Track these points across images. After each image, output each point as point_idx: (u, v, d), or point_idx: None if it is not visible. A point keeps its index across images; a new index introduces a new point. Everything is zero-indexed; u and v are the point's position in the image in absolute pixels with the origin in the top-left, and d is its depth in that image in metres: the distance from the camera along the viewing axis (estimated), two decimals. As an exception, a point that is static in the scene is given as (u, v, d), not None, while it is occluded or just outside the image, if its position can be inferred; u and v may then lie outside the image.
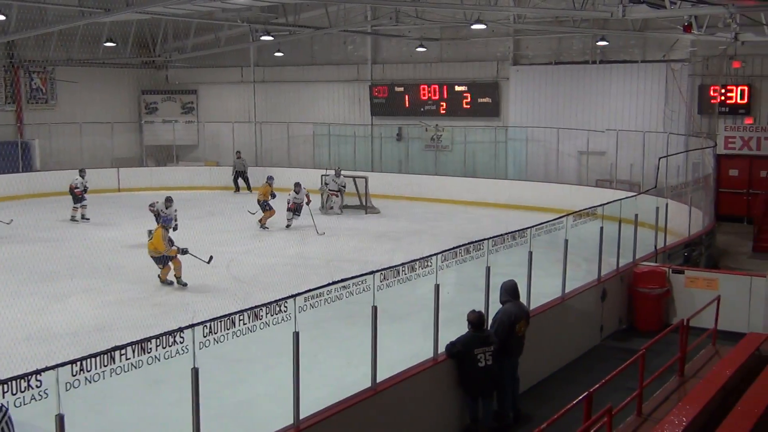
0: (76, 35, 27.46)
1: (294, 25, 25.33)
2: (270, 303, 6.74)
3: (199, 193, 26.90)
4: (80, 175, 22.47)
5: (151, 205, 18.80)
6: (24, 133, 28.58)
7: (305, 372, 7.14)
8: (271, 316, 6.74)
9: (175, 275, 14.98)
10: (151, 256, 15.00)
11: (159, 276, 15.09)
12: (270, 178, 21.71)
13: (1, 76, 28.06)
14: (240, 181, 28.78)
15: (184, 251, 14.73)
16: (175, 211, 18.26)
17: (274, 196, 21.08)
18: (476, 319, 8.77)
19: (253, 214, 20.93)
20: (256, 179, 26.62)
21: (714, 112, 23.30)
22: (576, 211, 12.10)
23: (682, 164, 20.24)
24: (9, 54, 27.91)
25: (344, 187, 23.71)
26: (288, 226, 20.81)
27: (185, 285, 14.88)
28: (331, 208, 23.43)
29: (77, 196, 22.12)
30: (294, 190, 21.01)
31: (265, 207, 21.00)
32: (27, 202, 23.90)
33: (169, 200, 18.59)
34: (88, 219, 22.02)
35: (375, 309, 7.72)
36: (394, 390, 8.12)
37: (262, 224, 20.93)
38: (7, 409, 5.51)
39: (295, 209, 20.93)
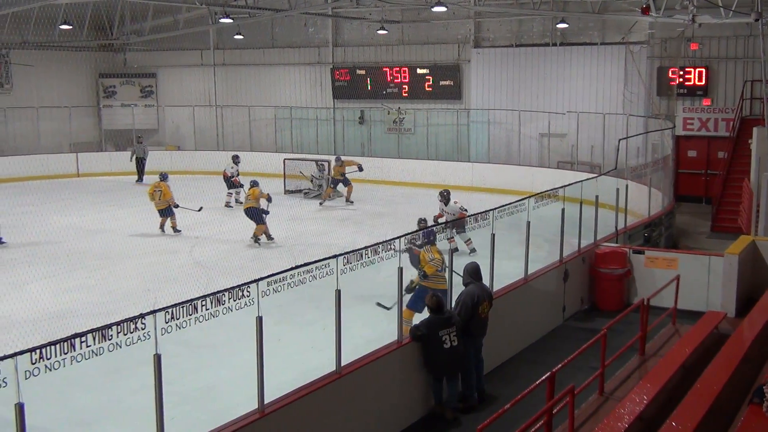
0: (30, 18, 26.88)
1: (254, 8, 25.09)
2: (232, 288, 6.69)
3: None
4: (234, 162, 22.40)
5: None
6: (-21, 118, 28.02)
7: (269, 356, 7.11)
8: (234, 301, 6.70)
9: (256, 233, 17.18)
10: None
11: (255, 233, 17.27)
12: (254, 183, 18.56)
13: (-46, 59, 27.44)
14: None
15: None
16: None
17: (269, 200, 17.90)
18: (435, 304, 8.79)
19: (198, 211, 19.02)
20: (221, 163, 26.17)
21: (672, 93, 23.58)
22: (538, 193, 12.17)
23: (641, 145, 20.48)
24: (-39, 37, 27.29)
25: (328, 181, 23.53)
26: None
27: (272, 239, 17.42)
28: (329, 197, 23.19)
29: (234, 183, 22.07)
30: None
31: (257, 217, 17.63)
32: (-18, 188, 23.47)
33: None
34: (241, 203, 20.67)
35: (339, 293, 7.70)
36: (359, 373, 8.12)
37: (257, 237, 17.57)
38: None
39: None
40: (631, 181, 16.97)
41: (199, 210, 18.58)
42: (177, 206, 18.45)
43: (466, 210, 15.56)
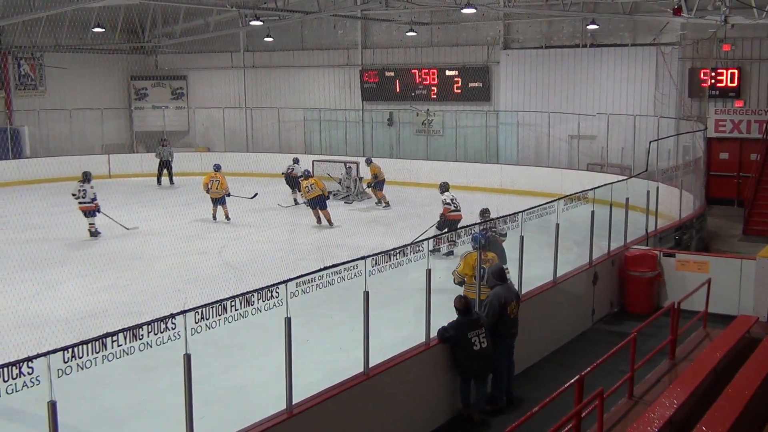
0: (64, 21, 27.24)
1: (284, 10, 25.20)
2: (261, 289, 6.73)
3: (190, 179, 26.79)
4: (295, 163, 23.26)
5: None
6: (13, 120, 28.42)
7: (297, 357, 7.14)
8: (263, 302, 6.74)
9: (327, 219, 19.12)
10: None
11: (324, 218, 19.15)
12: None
13: (-11, 62, 27.88)
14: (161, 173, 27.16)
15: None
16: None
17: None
18: (463, 306, 8.77)
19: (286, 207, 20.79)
20: (250, 164, 26.45)
21: (704, 95, 23.32)
22: (567, 195, 12.11)
23: (672, 148, 20.26)
24: (-4, 40, 27.73)
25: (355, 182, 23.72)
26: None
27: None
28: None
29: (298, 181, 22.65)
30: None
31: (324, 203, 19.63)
32: (17, 188, 23.81)
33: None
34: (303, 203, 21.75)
35: (367, 294, 7.71)
36: (386, 375, 8.13)
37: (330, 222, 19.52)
38: None
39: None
40: (662, 184, 16.84)
41: (254, 197, 19.65)
42: (229, 195, 19.90)
43: (449, 204, 16.31)
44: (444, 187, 16.93)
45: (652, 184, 15.75)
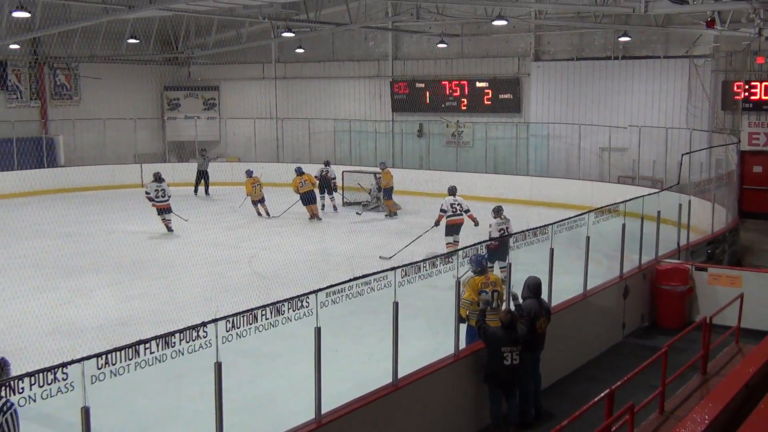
0: (99, 32, 27.67)
1: (315, 22, 25.37)
2: (292, 298, 6.78)
3: (221, 189, 27.03)
4: (327, 165, 24.12)
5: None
6: (48, 129, 28.87)
7: (327, 367, 7.18)
8: (293, 311, 6.79)
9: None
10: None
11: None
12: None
13: (26, 72, 28.35)
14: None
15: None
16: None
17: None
18: (508, 321, 8.67)
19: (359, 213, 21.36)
20: (280, 175, 26.59)
21: (737, 108, 23.10)
22: (598, 208, 12.05)
23: (705, 161, 20.08)
24: (33, 51, 28.21)
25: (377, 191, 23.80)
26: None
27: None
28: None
29: (334, 186, 23.96)
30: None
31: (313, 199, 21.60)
32: (51, 197, 24.16)
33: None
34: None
35: (396, 305, 7.74)
36: (415, 386, 8.14)
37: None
38: (12, 404, 5.27)
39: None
40: (694, 197, 16.70)
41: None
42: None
43: (444, 211, 16.45)
44: (450, 191, 17.07)
45: (684, 197, 15.62)
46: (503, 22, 20.41)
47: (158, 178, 19.93)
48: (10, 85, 27.71)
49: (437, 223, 16.69)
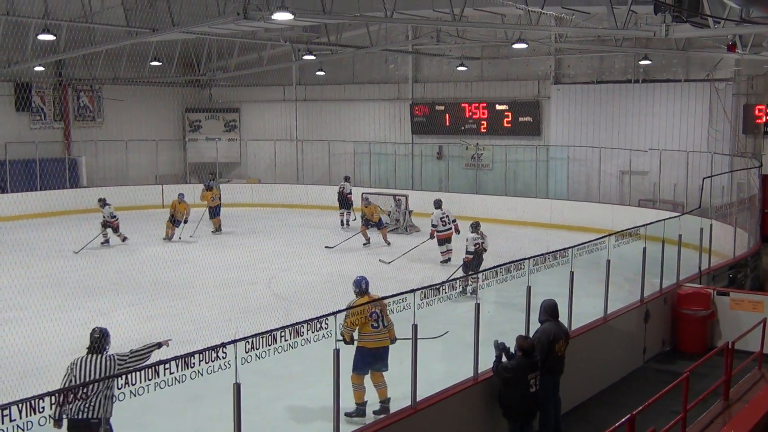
0: (123, 54, 28.03)
1: (336, 45, 25.57)
2: (311, 320, 6.79)
3: (241, 210, 27.16)
4: (346, 181, 24.85)
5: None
6: (71, 150, 29.17)
7: (345, 389, 7.17)
8: (312, 332, 6.80)
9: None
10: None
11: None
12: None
13: (50, 94, 28.70)
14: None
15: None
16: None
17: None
18: (528, 346, 8.57)
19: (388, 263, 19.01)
20: (300, 196, 26.76)
21: (759, 131, 22.97)
22: (618, 231, 12.01)
23: (726, 184, 19.98)
24: (58, 73, 28.57)
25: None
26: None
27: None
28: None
29: (348, 201, 24.53)
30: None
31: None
32: (73, 217, 24.34)
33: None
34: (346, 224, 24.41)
35: (415, 327, 7.73)
36: (434, 409, 8.10)
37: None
38: (112, 355, 7.29)
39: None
40: (716, 221, 16.59)
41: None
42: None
43: (435, 226, 18.24)
44: (436, 204, 18.74)
45: (705, 221, 15.53)
46: (523, 46, 20.47)
47: (105, 202, 20.80)
48: (34, 106, 28.04)
49: (431, 236, 18.39)
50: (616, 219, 21.51)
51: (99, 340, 7.52)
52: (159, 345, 7.87)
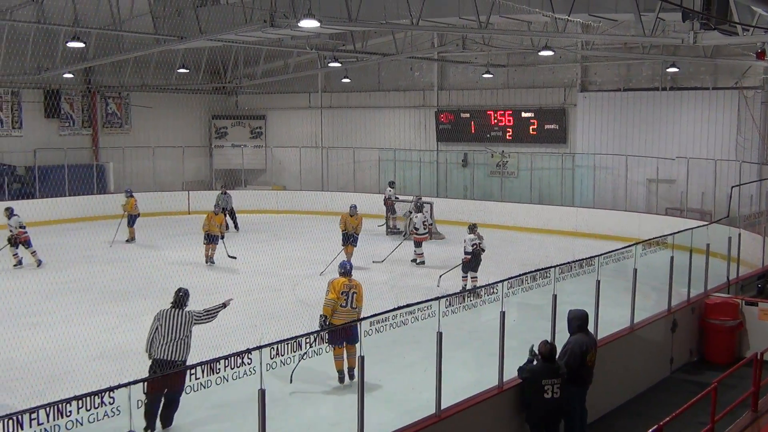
0: (150, 62, 28.30)
1: (361, 52, 25.65)
2: (337, 327, 6.80)
3: (266, 217, 27.27)
4: (390, 186, 25.04)
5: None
6: (99, 157, 29.46)
7: (370, 396, 7.16)
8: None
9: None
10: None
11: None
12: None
13: (79, 101, 29.03)
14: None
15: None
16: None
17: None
18: (548, 352, 8.57)
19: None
20: (325, 203, 26.80)
21: (789, 140, 22.74)
22: (645, 240, 11.91)
23: (755, 193, 19.77)
24: (86, 80, 28.90)
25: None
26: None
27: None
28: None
29: (391, 206, 24.65)
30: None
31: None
32: (101, 223, 24.56)
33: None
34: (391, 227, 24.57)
35: (440, 335, 7.71)
36: (458, 417, 8.07)
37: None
38: (191, 312, 9.48)
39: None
40: (744, 230, 16.43)
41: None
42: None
43: (417, 228, 19.66)
44: (418, 208, 20.12)
45: (733, 230, 15.38)
46: (550, 53, 20.41)
47: (12, 212, 18.97)
48: (63, 113, 28.37)
49: (413, 239, 19.79)
50: (643, 227, 21.34)
51: (182, 298, 9.56)
52: (224, 305, 9.98)
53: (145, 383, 5.54)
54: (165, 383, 8.07)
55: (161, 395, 8.50)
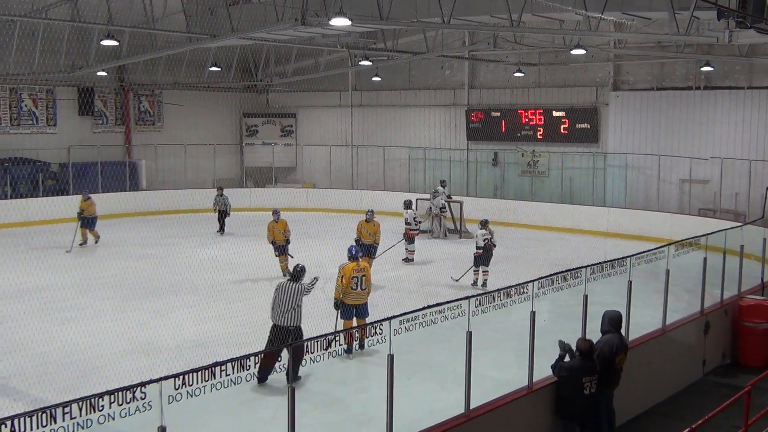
0: (183, 60, 28.51)
1: (392, 50, 25.62)
2: (366, 325, 6.80)
3: (296, 215, 27.33)
4: (442, 186, 24.75)
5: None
6: (132, 154, 29.77)
7: (398, 394, 7.15)
8: (367, 338, 6.80)
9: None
10: None
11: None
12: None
13: (112, 98, 29.34)
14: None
15: None
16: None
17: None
18: (587, 348, 8.54)
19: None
20: (354, 202, 26.81)
21: (825, 140, 22.36)
22: (678, 241, 11.78)
23: (791, 194, 19.50)
24: (120, 78, 29.20)
25: (442, 209, 23.75)
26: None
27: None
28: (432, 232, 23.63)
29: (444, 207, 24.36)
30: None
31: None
32: (133, 219, 24.82)
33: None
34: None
35: (470, 334, 7.68)
36: (487, 417, 8.04)
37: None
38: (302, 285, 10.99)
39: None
40: (779, 232, 16.14)
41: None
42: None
43: (410, 224, 19.77)
44: (407, 205, 20.20)
45: (768, 231, 15.14)
46: (582, 52, 20.24)
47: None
48: (96, 110, 28.71)
49: (405, 236, 19.85)
50: (675, 228, 21.12)
51: (299, 272, 11.07)
52: (316, 279, 11.70)
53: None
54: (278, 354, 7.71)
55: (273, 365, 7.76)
